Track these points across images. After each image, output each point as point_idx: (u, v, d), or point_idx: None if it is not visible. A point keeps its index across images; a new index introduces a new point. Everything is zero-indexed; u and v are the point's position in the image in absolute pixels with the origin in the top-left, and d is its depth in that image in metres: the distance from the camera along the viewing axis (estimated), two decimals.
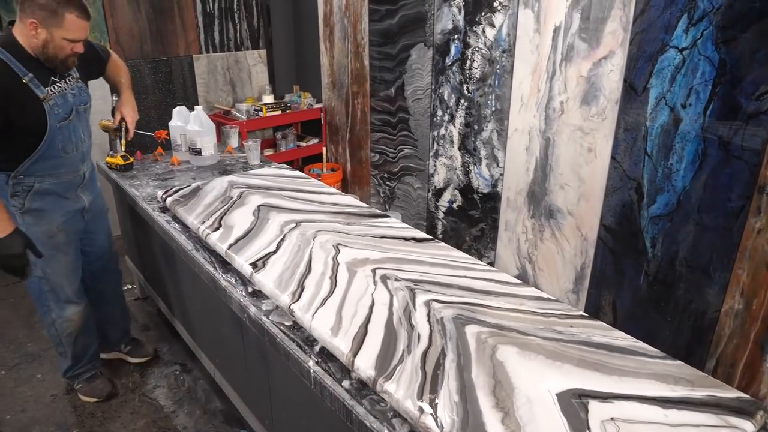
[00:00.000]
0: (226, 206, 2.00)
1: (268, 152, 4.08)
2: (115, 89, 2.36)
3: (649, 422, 1.01)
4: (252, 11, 4.13)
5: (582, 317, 1.35)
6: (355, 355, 1.19)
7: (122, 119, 2.31)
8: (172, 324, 2.66)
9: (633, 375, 1.13)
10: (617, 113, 2.27)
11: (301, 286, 1.47)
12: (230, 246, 1.72)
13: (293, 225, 1.82)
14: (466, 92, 2.96)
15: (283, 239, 1.73)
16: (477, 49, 2.83)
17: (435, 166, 3.31)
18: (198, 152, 2.67)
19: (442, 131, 3.18)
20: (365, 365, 1.17)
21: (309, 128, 4.37)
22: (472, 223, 3.15)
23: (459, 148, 3.11)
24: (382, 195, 3.83)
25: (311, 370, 1.25)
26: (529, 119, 2.64)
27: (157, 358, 2.61)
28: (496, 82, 2.77)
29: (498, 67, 2.74)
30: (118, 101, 2.33)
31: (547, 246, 2.72)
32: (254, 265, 1.60)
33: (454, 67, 3.00)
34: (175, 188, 2.22)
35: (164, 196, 2.15)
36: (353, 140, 3.99)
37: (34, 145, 1.87)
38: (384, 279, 1.48)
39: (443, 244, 1.75)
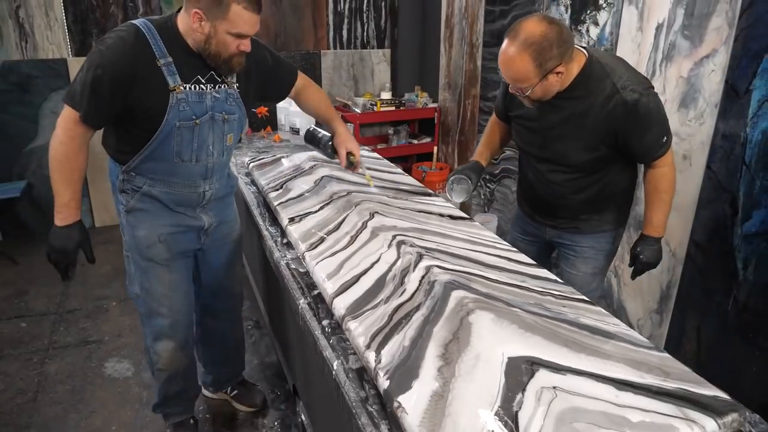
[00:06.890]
0: (294, 174, 2.17)
1: (380, 146, 4.25)
2: (324, 123, 2.02)
3: (593, 398, 0.94)
4: (380, 12, 4.34)
5: (584, 301, 1.28)
6: (336, 297, 1.26)
7: (350, 153, 1.91)
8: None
9: (603, 356, 1.05)
10: (716, 118, 2.07)
11: (320, 240, 1.56)
12: (280, 203, 1.87)
13: (344, 193, 1.92)
14: None
15: (329, 203, 1.83)
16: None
17: None
18: (296, 131, 2.89)
19: None
20: (341, 305, 1.23)
21: (425, 128, 4.47)
22: None
23: None
24: (482, 197, 3.81)
25: (300, 307, 1.33)
26: None
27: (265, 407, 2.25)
28: None
29: None
30: (338, 137, 1.92)
31: None
32: (291, 219, 1.72)
33: None
34: (261, 158, 2.44)
35: (249, 162, 2.38)
36: (462, 141, 4.01)
37: (147, 140, 1.57)
38: (399, 244, 1.51)
39: (478, 223, 1.74)
